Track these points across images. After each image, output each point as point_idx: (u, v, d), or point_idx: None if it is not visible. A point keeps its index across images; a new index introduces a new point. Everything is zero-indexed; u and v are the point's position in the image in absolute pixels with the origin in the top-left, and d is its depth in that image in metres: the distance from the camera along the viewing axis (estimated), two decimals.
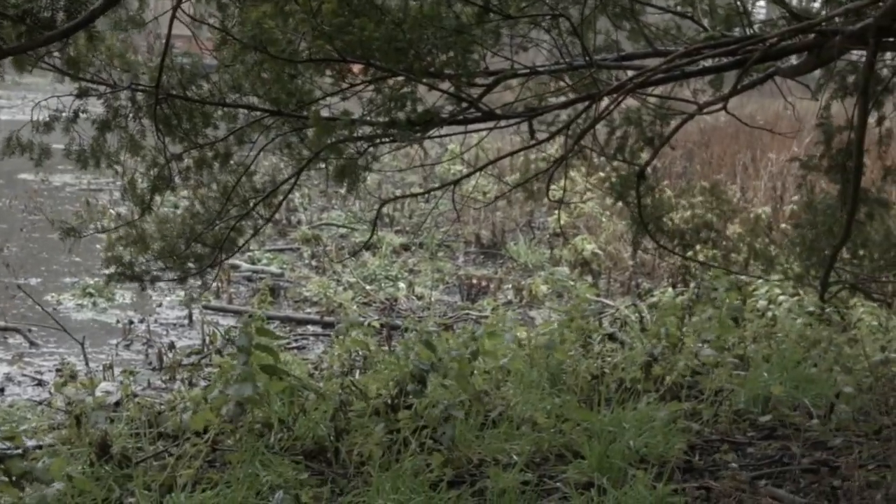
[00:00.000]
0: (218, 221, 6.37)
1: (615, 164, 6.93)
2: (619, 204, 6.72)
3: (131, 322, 10.25)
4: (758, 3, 6.87)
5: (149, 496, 5.60)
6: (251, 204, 6.38)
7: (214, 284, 11.59)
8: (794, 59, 6.32)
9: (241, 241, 6.69)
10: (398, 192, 15.90)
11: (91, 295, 11.11)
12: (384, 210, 15.78)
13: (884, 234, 6.67)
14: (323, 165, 6.25)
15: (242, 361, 6.36)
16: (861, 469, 6.23)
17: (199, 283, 7.10)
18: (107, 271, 6.86)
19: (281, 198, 6.60)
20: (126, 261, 6.56)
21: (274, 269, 12.86)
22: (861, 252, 6.73)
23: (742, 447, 6.99)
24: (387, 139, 6.06)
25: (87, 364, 8.66)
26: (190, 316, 10.55)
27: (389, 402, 6.80)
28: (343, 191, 17.28)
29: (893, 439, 6.42)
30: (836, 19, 5.69)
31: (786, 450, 6.84)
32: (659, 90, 6.84)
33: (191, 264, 6.57)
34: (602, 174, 15.22)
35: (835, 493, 6.08)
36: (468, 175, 7.79)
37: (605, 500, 5.81)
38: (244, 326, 6.59)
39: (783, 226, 13.12)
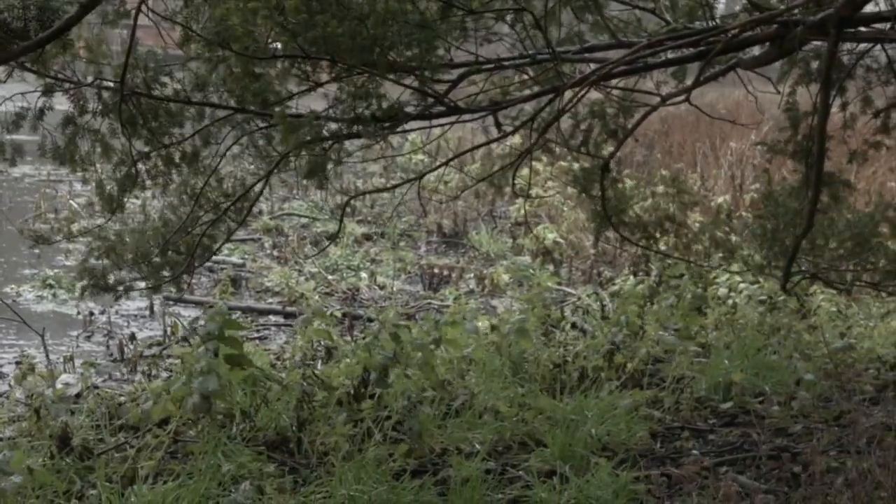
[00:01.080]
0: (189, 228, 6.32)
1: (579, 156, 6.94)
2: (581, 193, 6.73)
3: (92, 314, 10.19)
4: None
5: (110, 488, 5.57)
6: (222, 208, 6.33)
7: (184, 283, 11.53)
8: (756, 50, 6.35)
9: (214, 247, 6.64)
10: (360, 183, 15.89)
11: (51, 286, 11.04)
12: (342, 208, 15.72)
13: (845, 223, 6.71)
14: (292, 164, 6.23)
15: (211, 350, 6.35)
16: (821, 455, 6.27)
17: (174, 290, 7.04)
18: (79, 284, 6.79)
19: (251, 201, 6.55)
20: (98, 272, 6.49)
21: (235, 259, 12.81)
22: (821, 242, 6.76)
23: (703, 434, 7.03)
24: (353, 136, 6.04)
25: (47, 356, 8.60)
26: (151, 307, 10.51)
27: (352, 392, 6.80)
28: (309, 185, 17.34)
29: (853, 425, 6.46)
30: (797, 10, 5.72)
31: (747, 436, 6.88)
32: (622, 82, 6.85)
33: (164, 272, 6.51)
34: (564, 163, 15.29)
35: (796, 479, 6.12)
36: (433, 169, 7.79)
37: (567, 487, 5.83)
38: (212, 316, 6.57)
39: (743, 214, 13.20)
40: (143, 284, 6.67)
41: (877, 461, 5.64)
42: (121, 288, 6.56)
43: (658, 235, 7.06)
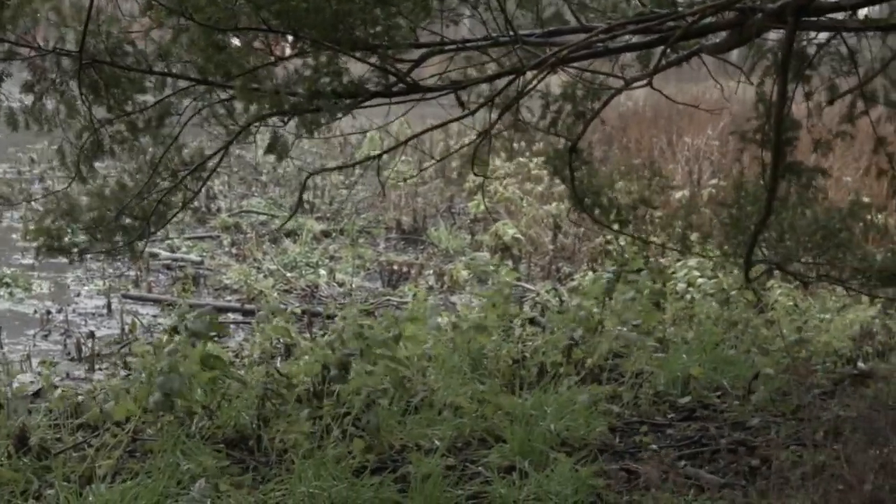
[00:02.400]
0: (146, 195, 6.28)
1: (548, 141, 6.95)
2: (540, 188, 6.75)
3: (49, 312, 10.12)
4: None
5: (68, 488, 5.54)
6: (179, 177, 6.29)
7: (133, 273, 11.49)
8: (717, 37, 6.38)
9: (169, 215, 6.59)
10: (318, 178, 15.82)
11: (7, 285, 10.95)
12: (305, 196, 15.70)
13: (812, 216, 6.75)
14: (251, 140, 6.22)
15: (193, 343, 6.36)
16: (779, 448, 6.32)
17: (128, 254, 6.96)
18: (34, 244, 6.71)
19: (209, 171, 6.52)
20: (54, 232, 6.43)
21: (193, 257, 12.75)
22: (788, 233, 6.80)
23: (662, 429, 7.06)
24: (313, 111, 6.02)
25: (3, 355, 8.54)
26: (108, 305, 10.44)
27: (312, 389, 6.79)
28: (269, 176, 17.29)
29: (810, 418, 6.51)
30: None
31: (705, 430, 6.92)
32: (587, 65, 6.87)
33: (119, 238, 6.46)
34: (523, 159, 15.33)
35: (753, 473, 6.17)
36: (393, 148, 7.76)
37: (526, 483, 5.85)
38: (199, 315, 6.57)
39: (702, 209, 13.25)
40: (98, 248, 6.61)
41: (833, 454, 5.69)
42: (75, 250, 6.51)
43: (631, 218, 7.09)
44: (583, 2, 6.55)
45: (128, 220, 6.36)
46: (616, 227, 7.03)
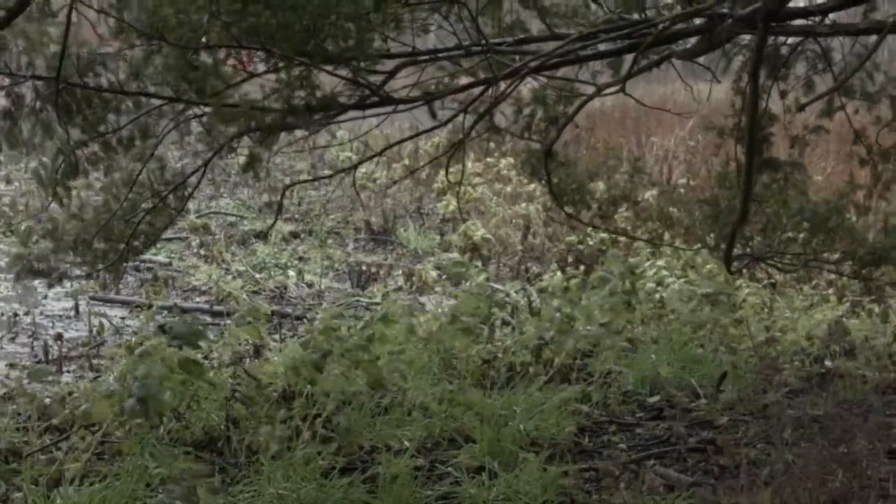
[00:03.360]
0: (129, 216, 6.27)
1: (521, 144, 6.98)
2: (509, 189, 6.78)
3: (16, 314, 10.07)
4: None
5: (36, 491, 5.52)
6: (161, 196, 6.29)
7: (101, 275, 11.43)
8: (688, 43, 6.42)
9: (152, 235, 6.59)
10: (288, 181, 15.80)
11: None
12: (272, 198, 15.70)
13: (797, 207, 6.80)
14: (232, 156, 6.21)
15: (175, 345, 6.34)
16: (746, 447, 6.36)
17: (111, 276, 6.96)
18: (15, 268, 6.69)
19: (190, 189, 6.51)
20: (35, 257, 6.41)
21: (162, 258, 12.71)
22: (772, 224, 6.86)
23: (630, 428, 7.08)
24: (288, 127, 6.03)
25: None
26: (76, 307, 10.40)
27: (282, 390, 6.78)
28: (238, 178, 17.23)
29: (778, 417, 6.54)
30: (726, 3, 5.79)
31: (673, 430, 6.94)
32: (560, 73, 6.90)
33: (100, 260, 6.45)
34: (491, 159, 15.34)
35: (721, 471, 6.19)
36: (362, 161, 7.78)
37: (496, 483, 5.86)
38: (182, 319, 6.55)
39: (672, 209, 13.31)
40: (79, 271, 6.60)
41: (801, 452, 5.72)
42: (56, 274, 6.50)
43: (611, 215, 7.12)
44: (550, 10, 6.57)
45: (110, 242, 6.35)
46: (597, 221, 7.06)
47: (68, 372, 8.36)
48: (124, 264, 6.66)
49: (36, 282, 8.49)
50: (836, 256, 7.02)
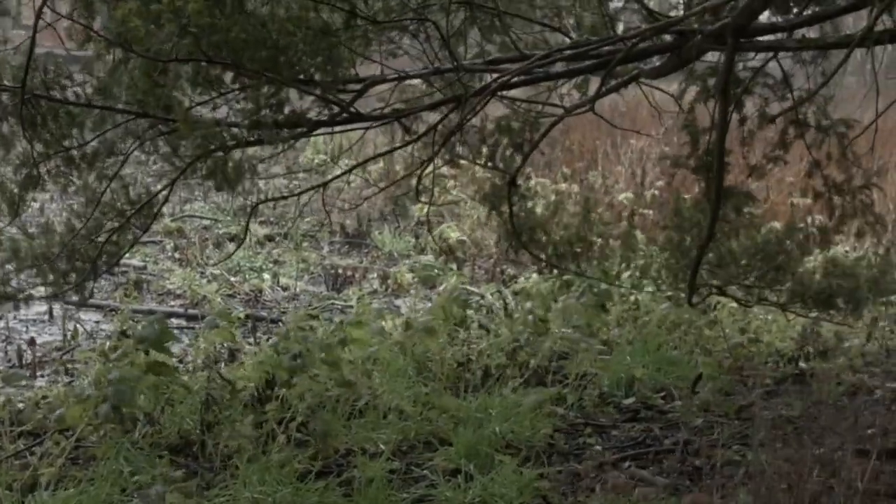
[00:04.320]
0: (93, 236, 6.23)
1: (485, 175, 6.98)
2: (491, 210, 6.78)
3: None
4: (621, 12, 6.96)
5: (10, 496, 5.50)
6: (126, 216, 6.25)
7: (87, 290, 11.37)
8: (656, 61, 6.43)
9: (119, 253, 6.55)
10: (262, 184, 15.75)
11: None
12: (247, 201, 15.63)
13: (750, 239, 6.81)
14: (199, 173, 6.18)
15: (143, 349, 6.32)
16: (722, 448, 6.38)
17: (77, 295, 6.92)
18: None
19: (156, 207, 6.48)
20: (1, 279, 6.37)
21: (136, 262, 12.65)
22: (729, 257, 6.87)
23: (606, 430, 7.10)
24: (256, 143, 6.01)
25: None
26: (50, 311, 10.34)
27: (257, 394, 6.77)
28: (211, 187, 17.17)
29: (753, 418, 6.56)
30: (695, 19, 5.80)
31: (649, 431, 6.97)
32: (526, 95, 6.90)
33: (67, 279, 6.41)
34: (465, 162, 15.32)
35: (697, 472, 6.21)
36: (338, 177, 7.76)
37: (472, 486, 5.86)
38: (151, 322, 6.54)
39: (645, 211, 13.35)
40: (44, 291, 6.57)
41: (776, 453, 5.74)
42: (21, 296, 6.46)
43: (569, 255, 7.12)
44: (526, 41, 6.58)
45: (75, 262, 6.32)
46: (554, 260, 7.06)
47: (42, 376, 8.32)
48: (89, 283, 6.61)
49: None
50: (783, 299, 7.03)
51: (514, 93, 6.65)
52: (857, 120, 6.43)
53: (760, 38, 6.17)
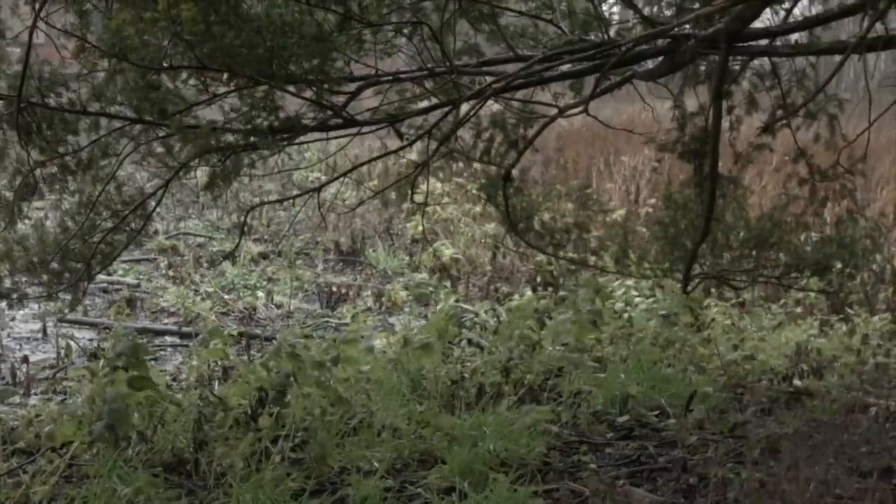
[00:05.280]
0: (87, 236, 6.23)
1: (482, 167, 7.00)
2: (478, 209, 6.80)
3: None
4: (613, 10, 6.99)
5: None
6: (121, 216, 6.26)
7: (69, 297, 11.37)
8: (650, 63, 6.45)
9: (112, 255, 6.55)
10: (257, 200, 15.79)
11: None
12: (242, 218, 15.66)
13: (742, 223, 6.84)
14: (191, 175, 6.19)
15: (120, 367, 6.30)
16: (716, 466, 6.36)
17: (69, 298, 6.92)
18: None
19: (150, 209, 6.48)
20: None
21: (130, 279, 12.66)
22: (723, 242, 6.89)
23: (601, 448, 7.08)
24: (250, 147, 6.02)
25: None
26: (44, 329, 10.33)
27: (250, 412, 6.75)
28: (206, 198, 17.16)
29: (746, 436, 6.56)
30: (689, 24, 5.82)
31: (643, 449, 6.95)
32: (521, 94, 6.92)
33: (62, 280, 6.41)
34: (461, 180, 15.35)
35: (691, 491, 6.19)
36: (330, 181, 7.79)
37: None
38: (119, 338, 6.51)
39: (640, 228, 13.35)
40: (38, 292, 6.57)
41: (771, 471, 5.73)
42: (15, 295, 6.46)
43: (564, 243, 7.14)
44: (508, 32, 6.58)
45: (69, 262, 6.32)
46: (551, 250, 7.08)
47: (36, 394, 8.31)
48: (84, 284, 6.61)
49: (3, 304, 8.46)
50: (779, 272, 7.07)
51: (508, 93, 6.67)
52: (847, 100, 6.47)
53: (754, 43, 6.20)
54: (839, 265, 6.93)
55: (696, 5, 6.21)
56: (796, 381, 8.51)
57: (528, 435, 6.80)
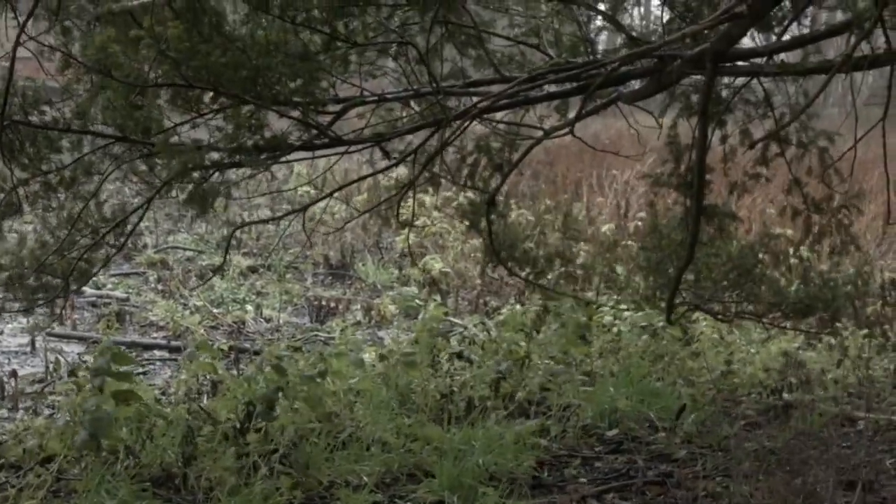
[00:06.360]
0: (66, 252, 6.23)
1: (465, 189, 7.00)
2: (467, 223, 6.79)
3: None
4: (601, 32, 7.00)
5: None
6: (101, 233, 6.25)
7: (59, 307, 11.36)
8: (636, 84, 6.46)
9: (91, 272, 6.55)
10: (245, 215, 15.77)
11: None
12: (229, 236, 15.64)
13: (727, 254, 6.84)
14: (174, 193, 6.18)
15: (98, 385, 6.27)
16: (705, 480, 6.37)
17: (48, 313, 6.92)
18: None
19: (131, 227, 6.48)
20: None
21: (119, 293, 12.65)
22: (705, 273, 6.89)
23: (590, 461, 7.08)
24: (235, 165, 6.02)
25: None
26: (33, 343, 10.31)
27: (238, 426, 6.75)
28: (192, 215, 17.18)
29: (735, 450, 6.56)
30: (675, 45, 5.83)
31: (632, 463, 6.95)
32: (507, 116, 6.92)
33: (39, 295, 6.41)
34: (450, 193, 15.36)
35: None
36: (318, 200, 7.79)
37: None
38: (100, 350, 6.50)
39: (627, 242, 13.36)
40: (16, 306, 6.56)
41: (759, 485, 5.74)
42: None
43: (546, 270, 7.14)
44: (495, 57, 6.59)
45: (47, 279, 6.30)
46: (532, 278, 7.09)
47: (24, 408, 8.29)
48: (62, 301, 6.61)
49: None
50: (761, 308, 7.07)
51: (494, 114, 6.67)
52: (839, 134, 6.47)
53: (740, 63, 6.21)
54: (820, 310, 6.93)
55: (684, 25, 6.22)
56: (785, 395, 8.52)
57: (518, 449, 6.80)
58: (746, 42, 6.10)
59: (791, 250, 7.40)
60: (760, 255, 6.89)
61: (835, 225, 6.68)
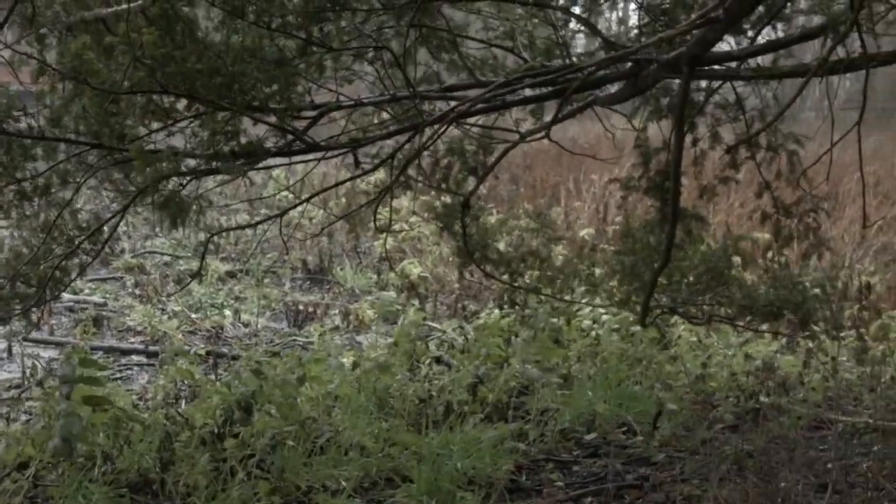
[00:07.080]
0: (42, 261, 6.21)
1: (441, 192, 7.01)
2: (443, 230, 6.79)
3: None
4: (577, 35, 7.02)
5: None
6: (76, 242, 6.23)
7: (34, 316, 11.31)
8: (612, 88, 6.47)
9: (66, 280, 6.53)
10: (223, 219, 15.73)
11: None
12: (206, 242, 15.59)
13: (700, 257, 6.86)
14: (150, 200, 6.17)
15: (65, 393, 6.24)
16: (682, 483, 6.38)
17: (24, 322, 6.89)
18: None
19: (107, 235, 6.46)
20: None
21: (97, 298, 12.61)
22: (678, 277, 6.91)
23: (568, 465, 7.08)
24: (212, 172, 6.01)
25: None
26: (9, 349, 10.28)
27: (216, 431, 6.74)
28: (165, 221, 17.14)
29: (713, 453, 6.57)
30: (651, 48, 5.85)
31: (610, 467, 6.95)
32: (483, 120, 6.93)
33: (15, 305, 6.38)
34: (427, 198, 15.36)
35: None
36: (295, 206, 7.77)
37: None
38: (66, 357, 6.47)
39: (605, 246, 13.39)
40: None
41: (736, 488, 5.75)
42: None
43: (521, 271, 7.14)
44: (470, 61, 6.61)
45: (23, 287, 6.28)
46: (506, 278, 7.10)
47: (0, 415, 8.26)
48: (38, 309, 6.59)
49: None
50: (732, 311, 7.11)
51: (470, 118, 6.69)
52: (808, 137, 6.51)
53: (715, 67, 6.23)
54: (790, 312, 6.97)
55: (660, 29, 6.25)
56: (762, 398, 8.53)
57: (495, 453, 6.80)
58: (722, 46, 6.11)
59: (764, 254, 7.42)
60: (731, 259, 6.92)
61: (803, 228, 6.71)
